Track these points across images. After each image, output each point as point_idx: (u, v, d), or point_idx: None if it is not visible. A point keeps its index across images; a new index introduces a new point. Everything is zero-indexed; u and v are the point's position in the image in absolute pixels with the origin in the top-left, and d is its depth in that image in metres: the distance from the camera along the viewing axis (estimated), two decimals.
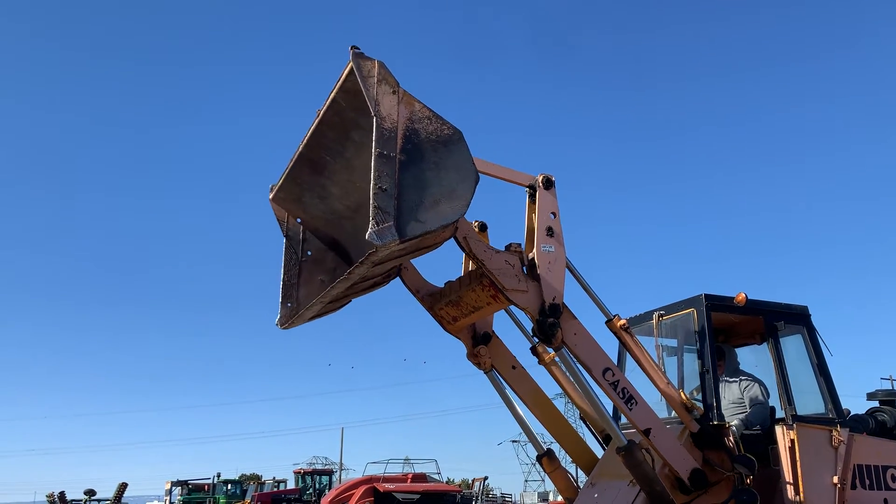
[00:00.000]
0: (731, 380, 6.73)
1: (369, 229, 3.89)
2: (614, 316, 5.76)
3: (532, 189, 5.26)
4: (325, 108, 4.65)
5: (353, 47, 4.20)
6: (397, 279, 5.74)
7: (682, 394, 5.78)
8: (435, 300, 5.68)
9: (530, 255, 5.05)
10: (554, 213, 5.21)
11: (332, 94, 4.56)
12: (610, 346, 5.81)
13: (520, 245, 5.12)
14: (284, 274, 5.23)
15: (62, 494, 38.75)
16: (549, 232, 5.15)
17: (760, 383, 6.60)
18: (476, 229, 5.54)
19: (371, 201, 3.94)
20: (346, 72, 4.35)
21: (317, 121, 4.77)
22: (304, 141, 4.94)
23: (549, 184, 5.25)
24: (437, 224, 4.16)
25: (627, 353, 6.59)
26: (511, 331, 6.25)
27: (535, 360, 6.06)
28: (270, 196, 5.26)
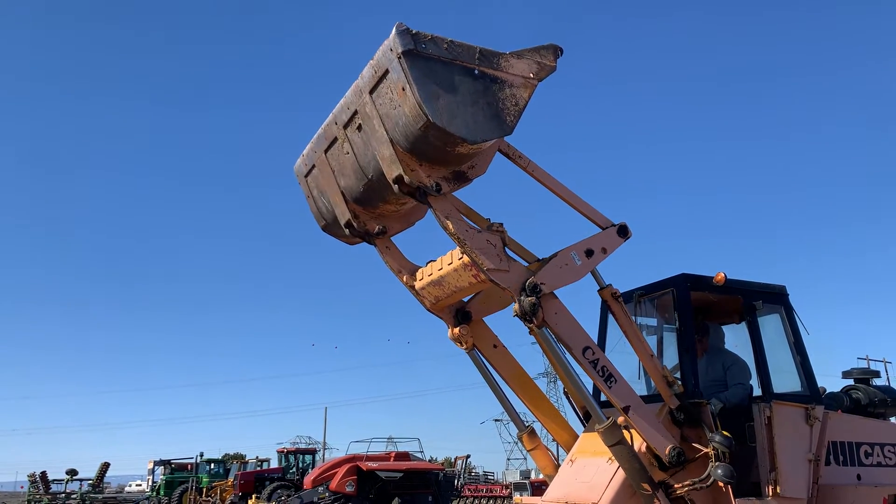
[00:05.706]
0: (714, 358, 6.78)
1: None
2: (608, 285, 5.76)
3: (604, 228, 5.38)
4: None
5: (558, 48, 4.69)
6: (381, 262, 5.73)
7: (664, 368, 5.82)
8: (417, 280, 5.67)
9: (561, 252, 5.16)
10: (605, 250, 5.29)
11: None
12: (590, 329, 5.82)
13: (501, 224, 5.10)
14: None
15: (44, 474, 38.50)
16: (588, 253, 5.22)
17: (743, 363, 6.64)
18: None
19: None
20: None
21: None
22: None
23: (623, 231, 5.37)
24: (427, 107, 4.21)
25: (608, 332, 6.65)
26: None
27: (515, 339, 6.09)
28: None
